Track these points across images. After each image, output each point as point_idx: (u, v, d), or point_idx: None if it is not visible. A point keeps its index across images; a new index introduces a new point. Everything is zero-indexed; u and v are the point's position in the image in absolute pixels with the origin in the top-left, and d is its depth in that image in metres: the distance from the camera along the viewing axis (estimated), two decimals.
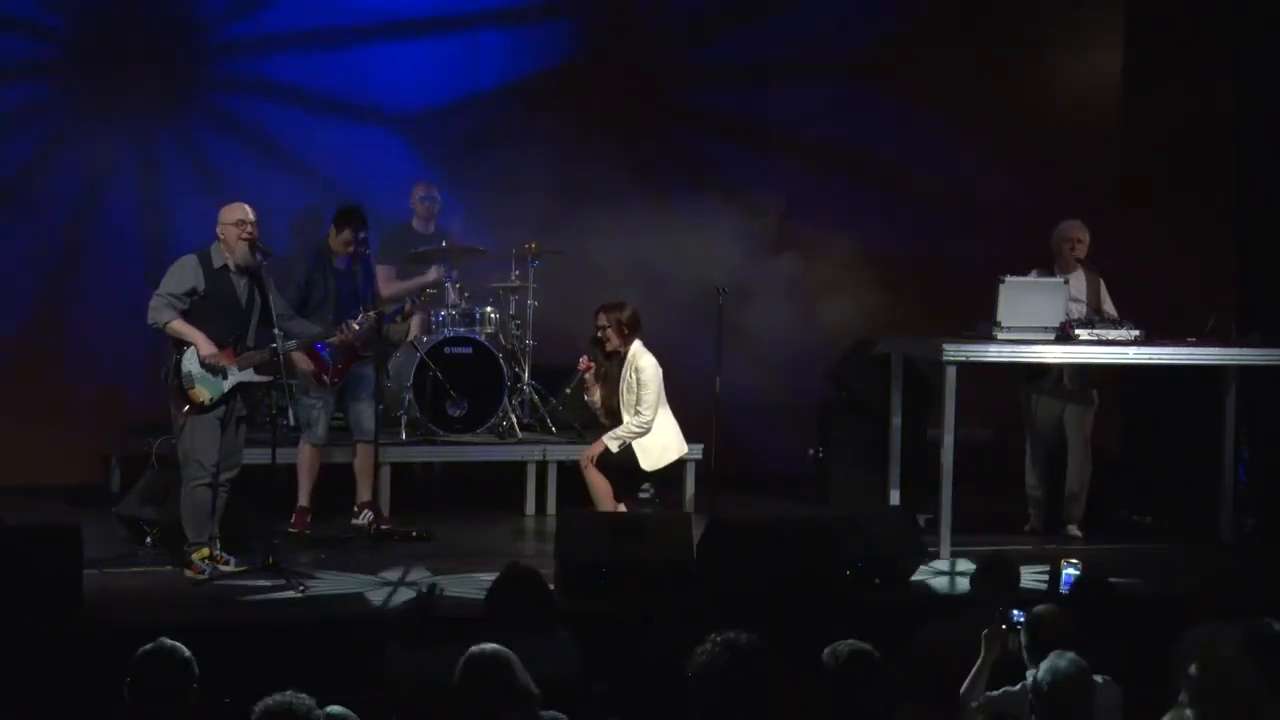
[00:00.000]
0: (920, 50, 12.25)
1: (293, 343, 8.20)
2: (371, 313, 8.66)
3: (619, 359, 8.73)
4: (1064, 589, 7.31)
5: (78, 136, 10.74)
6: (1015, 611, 5.59)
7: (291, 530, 8.89)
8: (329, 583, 7.85)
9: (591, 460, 8.65)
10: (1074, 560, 7.71)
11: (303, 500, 9.06)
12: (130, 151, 10.88)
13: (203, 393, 7.79)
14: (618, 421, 8.73)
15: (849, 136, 12.14)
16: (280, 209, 10.14)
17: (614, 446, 8.63)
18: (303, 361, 8.75)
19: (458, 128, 11.50)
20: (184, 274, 7.86)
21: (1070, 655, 4.82)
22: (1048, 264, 9.59)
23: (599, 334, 8.76)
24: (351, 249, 8.98)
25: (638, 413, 8.64)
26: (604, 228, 11.02)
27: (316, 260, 8.97)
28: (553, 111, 11.55)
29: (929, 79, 12.15)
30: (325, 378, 8.89)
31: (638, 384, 8.66)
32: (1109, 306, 9.51)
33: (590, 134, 11.61)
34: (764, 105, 12.10)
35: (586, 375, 8.82)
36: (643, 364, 8.69)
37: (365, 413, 9.06)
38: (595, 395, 8.84)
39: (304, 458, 9.06)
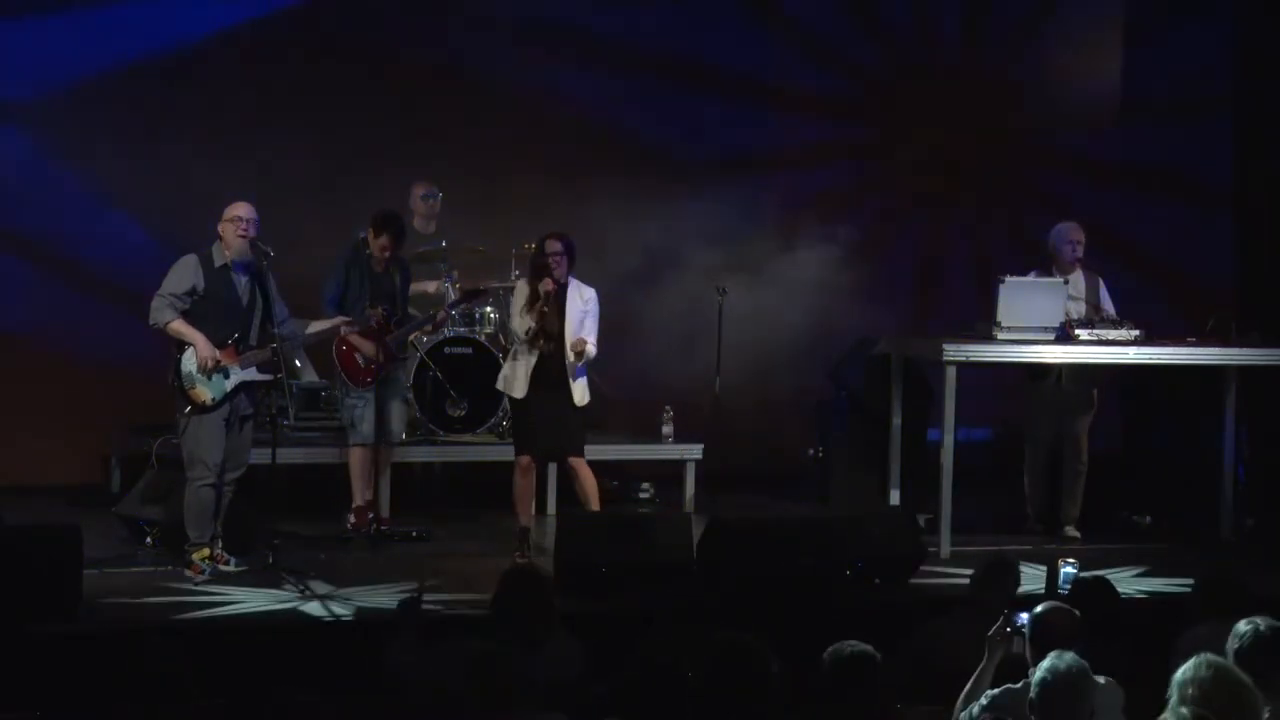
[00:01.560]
0: (918, 51, 12.26)
1: (294, 341, 8.23)
2: (379, 309, 8.63)
3: (559, 288, 8.49)
4: (1062, 588, 7.31)
5: None
6: (1020, 615, 5.58)
7: (350, 529, 8.88)
8: (329, 583, 7.84)
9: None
10: (1072, 559, 7.71)
11: (358, 499, 8.96)
12: None
13: (204, 393, 7.77)
14: (557, 346, 8.42)
15: (848, 136, 12.14)
16: None
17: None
18: (364, 346, 8.74)
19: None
20: (184, 273, 7.84)
21: (1070, 655, 4.82)
22: (1046, 265, 9.58)
23: (550, 260, 8.49)
24: (388, 254, 8.98)
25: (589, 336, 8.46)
26: (603, 226, 11.02)
27: (354, 259, 8.95)
28: (548, 110, 11.54)
29: (926, 78, 12.16)
30: (360, 377, 8.87)
31: (588, 313, 8.50)
32: (1108, 306, 9.51)
33: (588, 133, 11.61)
34: (764, 104, 12.09)
35: (549, 291, 8.44)
36: (591, 294, 8.58)
37: (394, 415, 9.05)
38: (532, 321, 8.44)
39: (354, 461, 8.94)
